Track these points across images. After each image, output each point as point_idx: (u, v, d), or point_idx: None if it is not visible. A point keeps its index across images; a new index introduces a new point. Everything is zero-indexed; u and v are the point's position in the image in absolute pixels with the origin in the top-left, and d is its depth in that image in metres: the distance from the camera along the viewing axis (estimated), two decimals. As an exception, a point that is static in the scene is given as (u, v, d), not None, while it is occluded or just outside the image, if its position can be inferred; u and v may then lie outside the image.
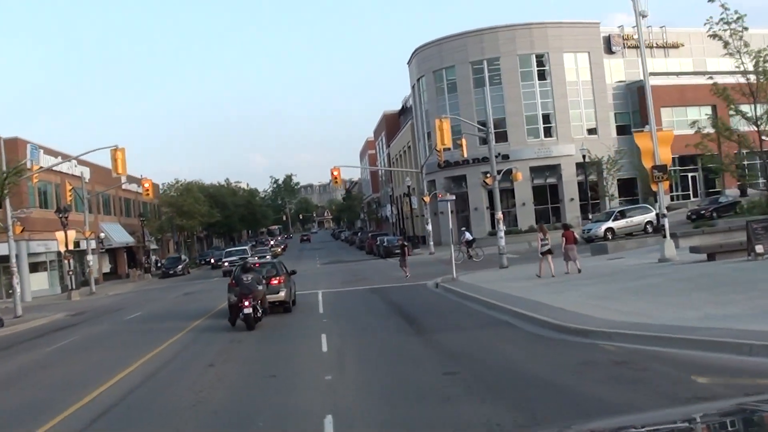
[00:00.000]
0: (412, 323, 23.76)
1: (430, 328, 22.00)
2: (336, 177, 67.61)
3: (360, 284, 43.87)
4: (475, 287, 32.27)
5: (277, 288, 29.75)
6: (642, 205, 67.60)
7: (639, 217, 61.32)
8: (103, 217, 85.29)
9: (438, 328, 21.95)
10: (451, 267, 39.07)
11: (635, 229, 59.64)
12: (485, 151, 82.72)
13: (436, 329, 21.64)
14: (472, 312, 25.57)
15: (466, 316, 24.37)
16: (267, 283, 29.25)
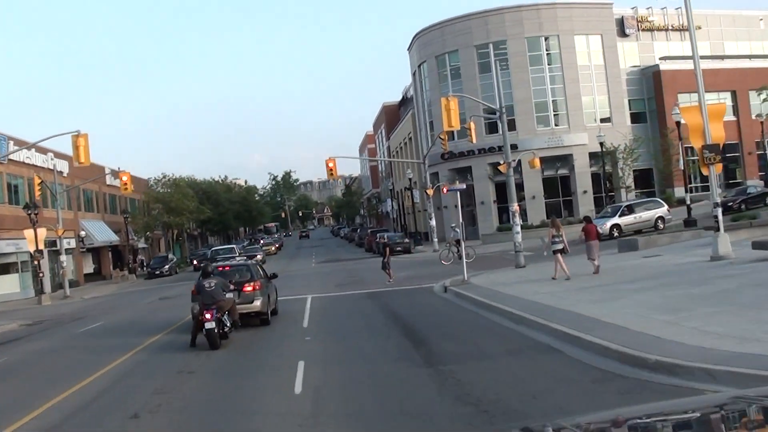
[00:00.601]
0: (418, 345, 18.25)
1: (443, 355, 16.54)
2: (332, 169, 62.18)
3: (356, 287, 38.55)
4: (493, 293, 26.90)
5: (251, 296, 24.33)
6: (652, 199, 62.01)
7: (649, 212, 55.58)
8: (85, 214, 79.88)
9: (454, 354, 16.45)
10: (462, 267, 33.60)
11: (645, 226, 53.95)
12: (492, 141, 77.84)
13: (451, 356, 16.14)
14: (495, 328, 20.08)
15: (489, 335, 18.93)
16: (239, 290, 23.95)
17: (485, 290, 28.19)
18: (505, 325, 20.24)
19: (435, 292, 32.61)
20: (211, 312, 20.20)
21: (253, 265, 26.80)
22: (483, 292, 27.39)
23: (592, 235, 29.59)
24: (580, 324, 16.96)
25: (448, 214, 79.29)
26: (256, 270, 26.07)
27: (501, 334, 18.73)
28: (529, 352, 15.84)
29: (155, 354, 21.08)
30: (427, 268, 46.97)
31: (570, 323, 17.28)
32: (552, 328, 17.44)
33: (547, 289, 25.48)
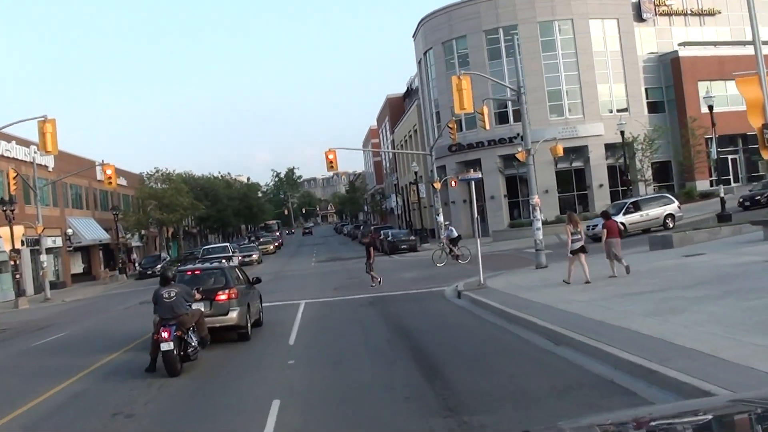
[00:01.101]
0: (432, 377, 13.75)
1: (466, 394, 12.07)
2: (332, 161, 57.79)
3: (357, 290, 34.29)
4: (517, 300, 22.62)
5: (226, 306, 20.05)
6: (661, 195, 56.90)
7: (657, 210, 50.56)
8: (73, 211, 75.64)
9: (481, 393, 11.98)
10: (478, 268, 29.26)
11: (653, 225, 49.17)
12: (503, 132, 73.62)
13: (478, 398, 11.71)
14: (531, 351, 15.64)
15: (524, 361, 14.47)
16: (211, 299, 19.74)
17: (507, 296, 23.94)
18: (541, 346, 15.81)
19: (447, 297, 28.37)
20: (168, 330, 16.00)
21: (230, 268, 22.30)
22: (505, 299, 23.13)
23: (613, 232, 26.02)
24: (648, 349, 12.63)
25: (456, 210, 75.07)
26: (233, 274, 21.71)
27: (540, 361, 14.25)
28: (587, 392, 11.36)
29: (99, 382, 16.75)
30: (436, 269, 42.77)
31: (633, 347, 12.94)
32: (610, 353, 13.06)
33: (582, 296, 21.18)
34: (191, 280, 20.60)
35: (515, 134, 70.82)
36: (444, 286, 31.51)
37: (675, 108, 76.50)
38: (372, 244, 38.64)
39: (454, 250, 45.46)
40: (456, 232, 48.05)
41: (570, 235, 25.66)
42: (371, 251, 36.69)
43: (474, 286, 28.41)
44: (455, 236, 46.87)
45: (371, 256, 36.34)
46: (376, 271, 36.37)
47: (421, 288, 32.19)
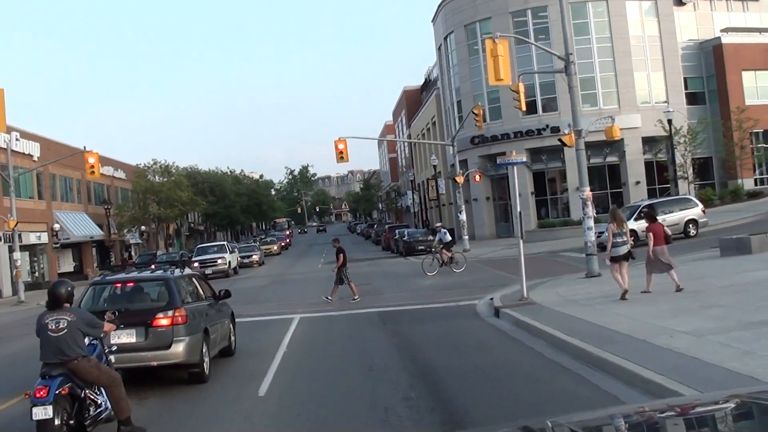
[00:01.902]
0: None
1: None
2: (341, 152, 51.71)
3: (365, 301, 28.14)
4: (585, 326, 16.29)
5: (167, 336, 13.70)
6: (682, 197, 49.62)
7: (676, 215, 43.09)
8: (62, 204, 69.65)
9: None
10: (520, 278, 23.06)
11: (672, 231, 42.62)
12: (530, 123, 67.21)
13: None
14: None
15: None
16: (145, 324, 13.56)
17: (566, 319, 17.71)
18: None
19: (480, 314, 22.09)
20: (46, 387, 9.78)
21: (178, 279, 15.22)
22: (566, 324, 16.87)
23: (659, 237, 20.34)
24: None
25: (479, 208, 68.71)
26: (183, 288, 15.24)
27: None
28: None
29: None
30: (461, 274, 36.61)
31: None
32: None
33: (680, 323, 14.92)
34: (114, 298, 14.51)
35: (544, 125, 64.66)
36: (474, 299, 25.38)
37: (717, 99, 70.41)
38: (343, 250, 30.44)
39: (447, 257, 39.04)
40: (449, 235, 41.51)
41: (612, 237, 20.39)
42: (342, 258, 29.55)
43: (515, 301, 22.23)
44: (448, 240, 40.37)
45: (343, 263, 29.42)
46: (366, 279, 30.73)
47: (445, 300, 25.93)
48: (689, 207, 44.28)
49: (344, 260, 29.43)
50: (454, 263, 38.61)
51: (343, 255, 29.56)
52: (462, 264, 38.59)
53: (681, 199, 46.92)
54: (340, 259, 29.41)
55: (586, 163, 29.44)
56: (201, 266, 52.14)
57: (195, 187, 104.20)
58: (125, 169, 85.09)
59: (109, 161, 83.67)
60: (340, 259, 29.41)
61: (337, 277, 29.37)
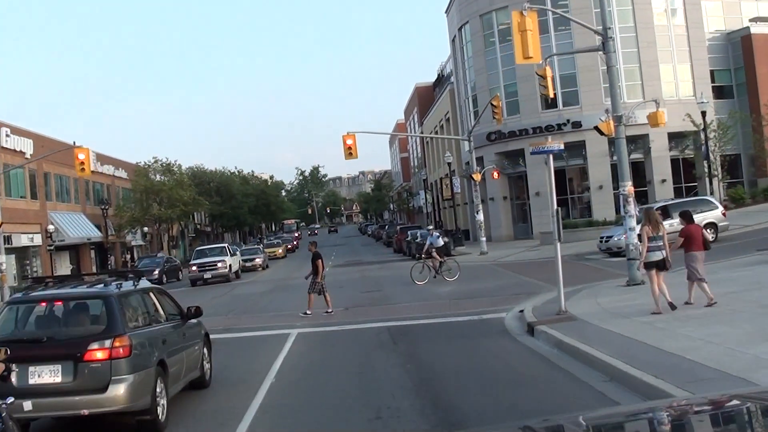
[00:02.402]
0: None
1: None
2: (350, 147, 48.19)
3: (374, 311, 24.71)
4: (653, 354, 12.68)
5: (102, 374, 10.15)
6: (700, 198, 45.11)
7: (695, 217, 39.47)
8: (57, 204, 66.27)
9: None
10: (557, 287, 19.58)
11: None
12: (549, 118, 63.57)
13: None
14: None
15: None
16: (74, 357, 10.09)
17: (619, 340, 14.32)
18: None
19: (510, 331, 18.53)
20: None
21: (123, 295, 11.35)
22: (621, 347, 13.45)
23: (696, 241, 17.14)
24: None
25: (496, 208, 65.06)
26: (128, 307, 11.48)
27: None
28: None
29: None
30: (481, 280, 33.09)
31: None
32: None
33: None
34: (38, 322, 11.06)
35: (565, 120, 61.12)
36: (500, 310, 21.89)
37: (745, 93, 66.82)
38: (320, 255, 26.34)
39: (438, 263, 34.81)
40: (442, 240, 37.69)
41: (647, 241, 17.28)
42: (320, 264, 25.66)
43: (550, 315, 18.73)
44: (440, 245, 36.24)
45: (319, 273, 25.56)
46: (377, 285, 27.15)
47: (467, 312, 22.41)
48: (708, 209, 39.90)
49: (321, 267, 25.61)
50: (446, 271, 34.37)
51: (321, 261, 25.75)
52: (455, 272, 34.26)
53: (699, 201, 42.32)
54: (319, 267, 25.56)
55: (626, 153, 25.75)
56: (200, 270, 48.78)
57: (200, 186, 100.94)
58: (127, 168, 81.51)
59: (109, 160, 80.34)
60: (319, 267, 25.56)
61: (312, 286, 25.64)
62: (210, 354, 14.72)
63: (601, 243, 39.97)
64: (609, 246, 38.79)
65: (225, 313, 28.33)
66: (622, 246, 37.86)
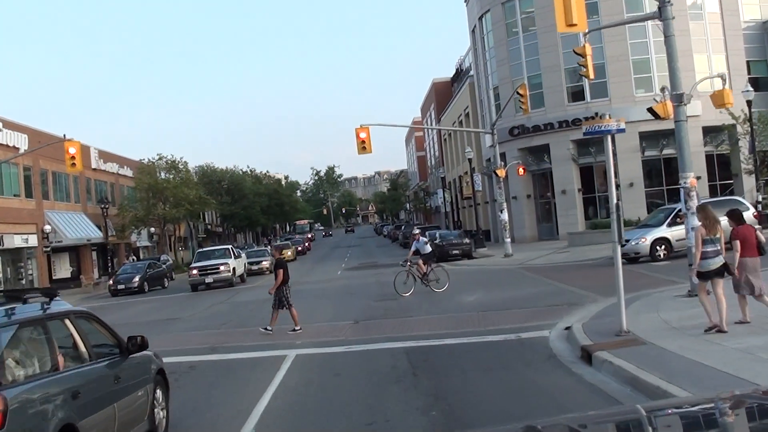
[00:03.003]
0: None
1: None
2: (363, 141, 44.56)
3: (389, 326, 20.96)
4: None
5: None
6: (729, 198, 40.55)
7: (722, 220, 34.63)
8: (56, 203, 62.82)
9: None
10: (618, 303, 15.75)
11: None
12: (576, 111, 59.40)
13: None
14: None
15: None
16: None
17: (709, 373, 10.79)
18: None
19: (559, 356, 14.65)
20: None
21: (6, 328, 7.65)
22: (719, 385, 9.69)
23: (749, 245, 14.14)
24: None
25: (519, 207, 61.08)
26: (17, 347, 7.74)
27: None
28: None
29: None
30: (510, 287, 29.29)
31: None
32: None
33: None
34: None
35: (593, 114, 56.99)
36: (541, 326, 18.20)
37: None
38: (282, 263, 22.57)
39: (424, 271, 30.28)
40: (429, 246, 32.76)
41: (701, 244, 13.99)
42: (281, 274, 21.83)
43: (608, 335, 15.05)
44: (428, 252, 31.75)
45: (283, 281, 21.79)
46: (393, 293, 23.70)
47: (501, 328, 18.60)
48: None
49: (285, 277, 21.84)
50: (434, 280, 30.00)
51: (284, 270, 21.92)
52: (444, 282, 29.96)
53: (728, 201, 37.42)
54: (279, 277, 21.84)
55: (688, 139, 21.88)
56: (200, 273, 45.02)
57: (209, 185, 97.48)
58: (132, 166, 77.81)
59: (113, 157, 76.96)
60: (279, 277, 21.84)
61: (276, 299, 21.89)
62: (167, 397, 11.03)
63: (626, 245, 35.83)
64: (626, 251, 34.34)
65: (218, 325, 24.64)
66: (640, 251, 33.98)
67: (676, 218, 33.30)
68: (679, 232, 32.82)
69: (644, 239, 34.01)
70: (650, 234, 34.44)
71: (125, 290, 48.95)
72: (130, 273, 51.00)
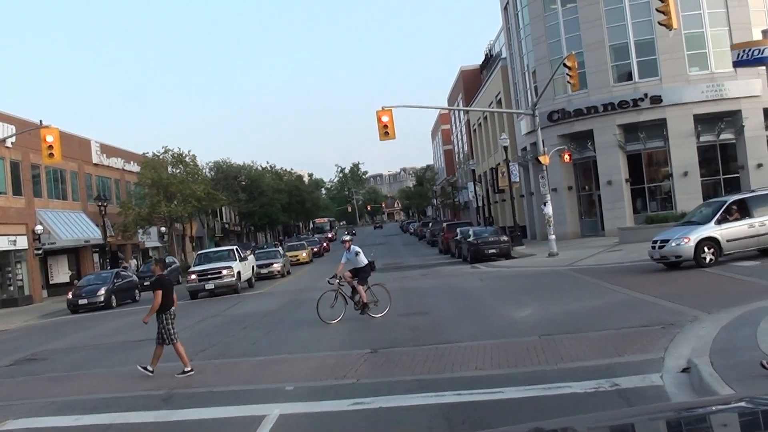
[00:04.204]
0: None
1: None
2: (386, 125, 39.12)
3: (419, 360, 15.02)
4: None
5: None
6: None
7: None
8: (50, 202, 57.36)
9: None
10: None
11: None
12: (623, 92, 52.61)
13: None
14: None
15: None
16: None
17: None
18: None
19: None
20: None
21: None
22: None
23: None
24: None
25: (560, 199, 54.86)
26: None
27: None
28: None
29: None
30: (569, 296, 23.27)
31: None
32: None
33: None
34: None
35: (642, 95, 51.14)
36: (642, 365, 12.40)
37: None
38: (162, 283, 16.51)
39: (360, 293, 22.56)
40: (365, 258, 23.85)
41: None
42: (158, 296, 16.11)
43: (752, 372, 9.09)
44: (364, 265, 23.30)
45: (163, 304, 16.14)
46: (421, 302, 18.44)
47: (580, 366, 12.79)
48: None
49: (165, 302, 16.05)
50: (372, 302, 22.56)
51: (164, 292, 16.04)
52: (385, 304, 22.58)
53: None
54: (156, 300, 16.00)
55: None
56: (200, 278, 39.16)
57: (225, 181, 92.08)
58: (139, 161, 72.26)
59: (117, 152, 71.68)
60: (156, 300, 16.00)
61: (158, 331, 16.22)
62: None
63: (653, 249, 28.38)
64: (665, 254, 27.57)
65: (194, 353, 18.85)
66: (682, 254, 27.33)
67: (727, 214, 27.00)
68: (731, 231, 26.62)
69: (687, 239, 26.68)
70: (695, 233, 26.94)
71: (88, 306, 41.03)
72: (94, 285, 43.16)
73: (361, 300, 22.35)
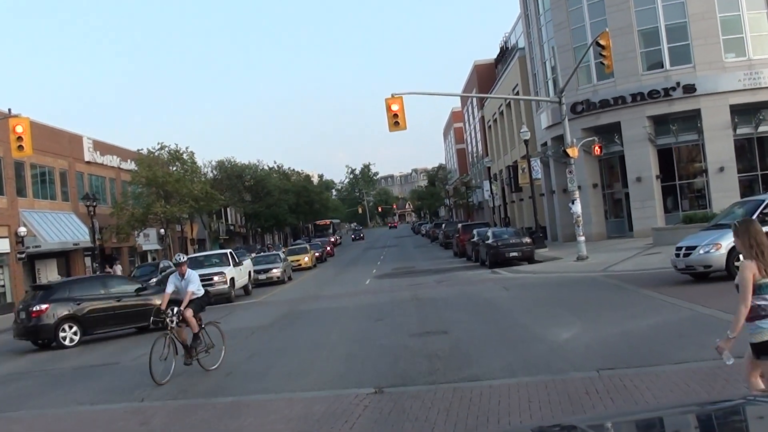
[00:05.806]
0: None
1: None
2: (396, 114, 35.30)
3: (439, 406, 11.07)
4: None
5: None
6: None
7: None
8: (36, 202, 53.54)
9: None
10: None
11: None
12: (653, 81, 47.93)
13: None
14: None
15: None
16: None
17: None
18: None
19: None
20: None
21: None
22: None
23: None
24: None
25: (585, 198, 50.25)
26: None
27: None
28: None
29: None
30: (615, 311, 19.13)
31: None
32: None
33: None
34: None
35: (674, 84, 47.04)
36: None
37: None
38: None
39: (190, 324, 16.65)
40: (198, 283, 17.29)
41: (749, 297, 7.80)
42: None
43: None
44: (200, 297, 17.25)
45: None
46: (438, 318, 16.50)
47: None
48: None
49: None
50: (202, 351, 16.66)
51: None
52: (219, 352, 17.01)
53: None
54: None
55: None
56: (189, 286, 35.34)
57: (228, 181, 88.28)
58: (136, 159, 68.45)
59: (112, 149, 67.80)
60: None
61: None
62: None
63: (677, 258, 23.59)
64: (691, 263, 22.89)
65: (144, 392, 14.60)
66: (712, 263, 22.59)
67: (764, 215, 21.85)
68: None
69: (718, 246, 21.91)
70: (726, 239, 21.00)
71: None
72: None
73: (191, 338, 16.68)
